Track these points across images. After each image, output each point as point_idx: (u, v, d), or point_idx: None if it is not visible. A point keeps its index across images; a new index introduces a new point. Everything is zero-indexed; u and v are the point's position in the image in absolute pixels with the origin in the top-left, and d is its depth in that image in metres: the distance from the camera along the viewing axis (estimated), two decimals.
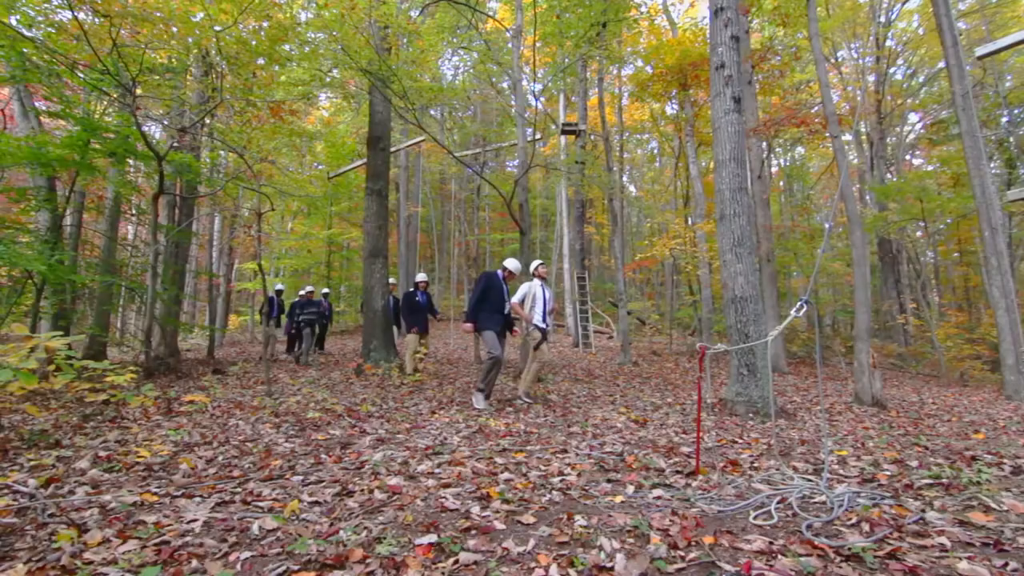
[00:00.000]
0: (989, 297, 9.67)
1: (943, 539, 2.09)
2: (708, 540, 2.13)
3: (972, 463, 3.33)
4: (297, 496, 2.69)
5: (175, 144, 8.28)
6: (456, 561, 1.97)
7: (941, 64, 13.94)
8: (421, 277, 8.20)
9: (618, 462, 3.44)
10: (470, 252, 25.26)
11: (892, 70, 17.88)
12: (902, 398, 8.00)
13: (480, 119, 22.04)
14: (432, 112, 20.45)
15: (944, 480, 2.88)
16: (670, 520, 2.34)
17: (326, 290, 12.08)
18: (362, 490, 2.79)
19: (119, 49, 6.09)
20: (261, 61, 7.99)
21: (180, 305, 10.39)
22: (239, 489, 2.82)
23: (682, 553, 2.03)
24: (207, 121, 9.23)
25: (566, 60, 11.03)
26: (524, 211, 8.87)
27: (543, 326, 5.98)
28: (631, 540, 2.16)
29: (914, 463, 3.35)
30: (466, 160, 13.97)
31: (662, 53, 13.58)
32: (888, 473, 3.08)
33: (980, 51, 3.94)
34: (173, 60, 8.34)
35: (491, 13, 11.64)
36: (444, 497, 2.67)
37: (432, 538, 2.15)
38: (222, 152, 11.84)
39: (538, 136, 12.54)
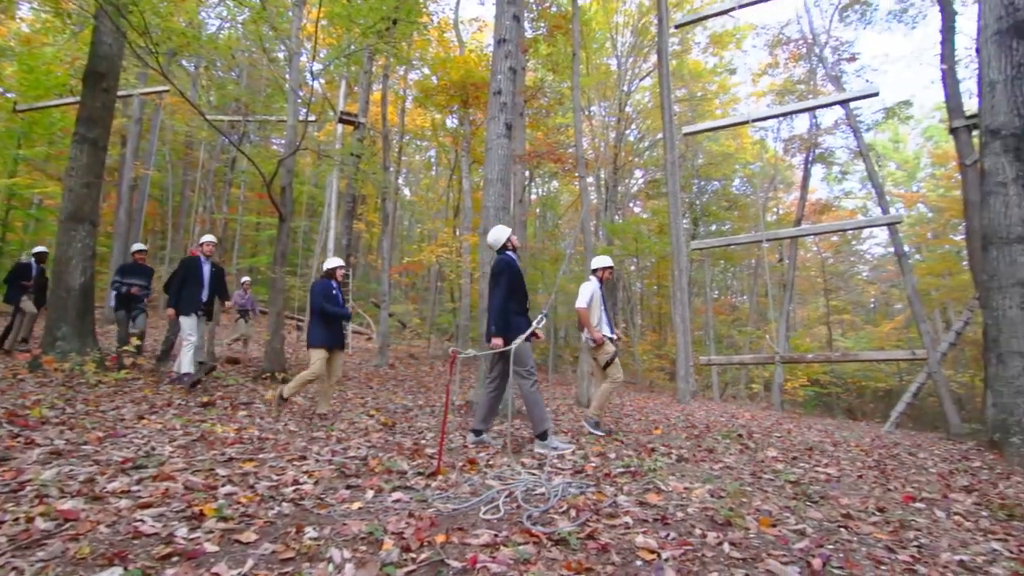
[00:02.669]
0: (673, 322, 12.39)
1: (628, 518, 2.53)
2: (440, 539, 2.19)
3: (651, 454, 4.15)
4: None
5: None
6: None
7: (660, 135, 17.50)
8: (337, 263, 5.52)
9: (361, 467, 3.34)
10: (215, 232, 22.01)
11: (628, 131, 21.81)
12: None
13: (246, 85, 19.48)
14: (185, 64, 17.40)
15: (632, 469, 3.52)
16: (406, 522, 2.34)
17: (42, 248, 8.00)
18: (16, 519, 2.13)
19: None
20: None
21: None
22: None
23: (414, 555, 2.04)
24: None
25: (352, 47, 10.52)
26: (287, 196, 8.13)
27: (613, 336, 5.31)
28: (364, 547, 2.09)
29: (613, 455, 4.02)
30: (221, 127, 12.19)
31: (448, 67, 14.06)
32: (594, 465, 3.64)
33: (686, 129, 5.21)
34: None
35: None
36: (140, 520, 2.21)
37: (116, 572, 1.75)
38: None
39: (312, 118, 11.67)
